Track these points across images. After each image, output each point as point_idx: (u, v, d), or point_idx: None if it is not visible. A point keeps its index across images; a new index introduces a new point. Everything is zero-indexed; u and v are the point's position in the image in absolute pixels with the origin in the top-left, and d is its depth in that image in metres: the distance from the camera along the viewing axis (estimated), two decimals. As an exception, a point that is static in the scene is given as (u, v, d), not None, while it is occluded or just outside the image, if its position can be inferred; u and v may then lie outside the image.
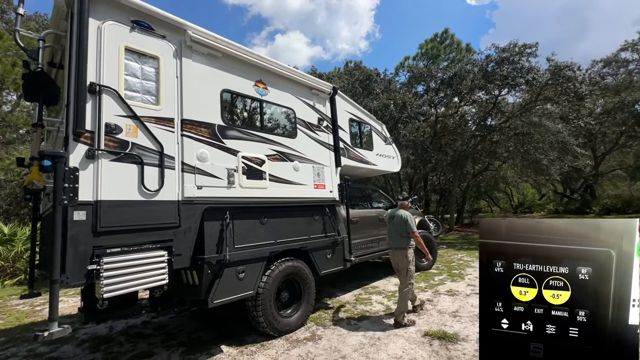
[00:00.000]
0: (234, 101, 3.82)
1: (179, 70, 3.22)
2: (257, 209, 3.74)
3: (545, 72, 11.83)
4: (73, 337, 4.19)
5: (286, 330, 3.82)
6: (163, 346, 3.73)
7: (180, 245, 2.97)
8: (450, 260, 8.09)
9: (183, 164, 3.09)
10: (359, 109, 5.85)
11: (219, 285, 3.23)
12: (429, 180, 20.52)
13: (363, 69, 15.26)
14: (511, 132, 13.20)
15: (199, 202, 3.17)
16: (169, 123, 3.06)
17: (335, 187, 4.83)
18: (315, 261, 4.36)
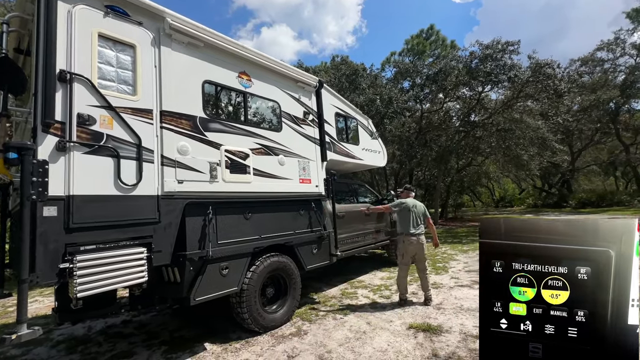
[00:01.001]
0: (217, 93, 3.70)
1: (158, 59, 3.07)
2: (241, 204, 3.66)
3: (527, 69, 12.12)
4: (48, 339, 4.02)
5: (271, 326, 3.78)
6: (144, 345, 3.62)
7: (160, 241, 2.87)
8: (434, 254, 8.22)
9: (163, 158, 2.97)
10: (346, 103, 5.81)
11: (201, 282, 3.15)
12: (414, 175, 20.84)
13: (350, 63, 15.21)
14: (493, 128, 13.51)
15: (180, 197, 3.06)
16: (147, 114, 2.92)
17: (321, 181, 4.78)
18: (301, 256, 4.32)
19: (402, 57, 21.06)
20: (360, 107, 12.90)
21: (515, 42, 12.17)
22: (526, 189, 35.04)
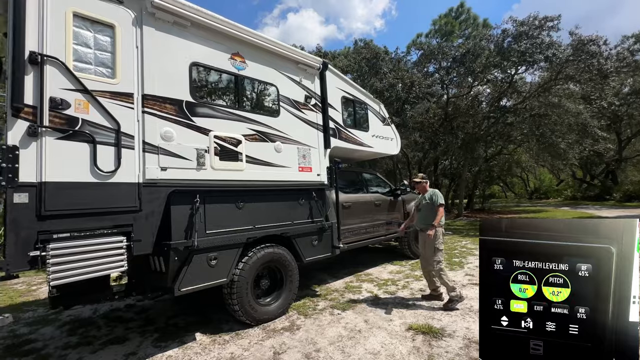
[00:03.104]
0: (207, 76, 3.53)
1: (140, 40, 2.93)
2: (233, 193, 3.51)
3: (567, 47, 10.91)
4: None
5: (264, 319, 3.66)
6: (139, 331, 3.65)
7: (141, 230, 2.78)
8: (452, 248, 7.77)
9: (144, 144, 2.86)
10: (354, 86, 5.45)
11: (187, 272, 3.05)
12: (440, 164, 19.92)
13: (371, 46, 14.51)
14: (527, 114, 12.41)
15: (164, 185, 2.95)
16: (128, 98, 2.80)
17: (323, 170, 4.53)
18: (299, 248, 4.14)
19: (429, 39, 19.87)
20: (379, 93, 12.35)
21: (554, 17, 10.96)
22: (565, 179, 32.56)
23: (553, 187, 33.93)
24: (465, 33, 18.88)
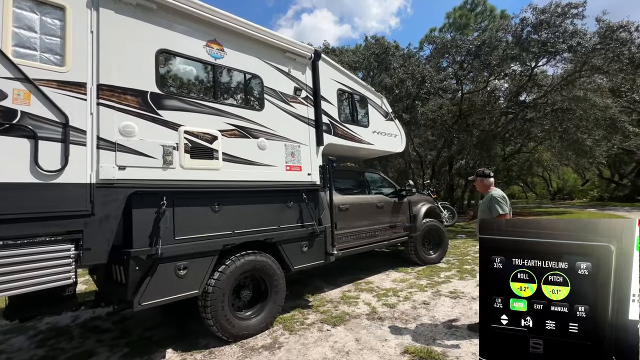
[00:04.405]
0: (178, 65, 3.19)
1: (96, 24, 2.61)
2: (207, 194, 3.16)
3: (594, 34, 10.03)
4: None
5: (244, 335, 3.29)
6: (109, 345, 3.36)
7: (92, 237, 2.46)
8: (464, 253, 7.20)
9: (99, 140, 2.54)
10: (352, 78, 5.02)
11: (149, 283, 2.72)
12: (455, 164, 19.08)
13: (381, 41, 13.96)
14: (548, 109, 11.55)
15: (122, 186, 2.63)
16: (79, 89, 2.49)
17: (315, 169, 4.13)
18: (286, 255, 3.75)
19: (443, 34, 19.08)
20: (389, 89, 11.81)
21: (579, 3, 10.12)
22: (591, 179, 30.75)
23: (578, 187, 32.12)
24: (481, 26, 17.98)
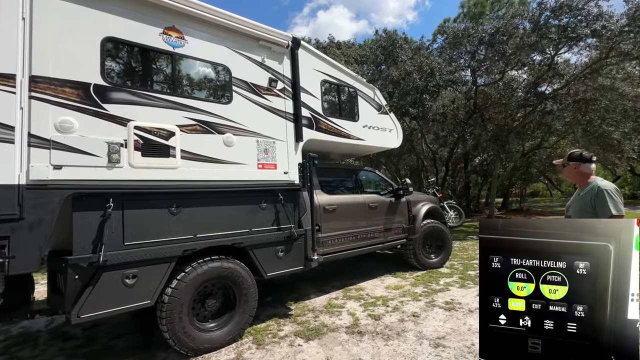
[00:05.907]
0: (128, 54, 2.94)
1: (28, 9, 2.38)
2: (163, 195, 2.90)
3: (621, 16, 9.12)
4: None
5: (205, 349, 3.02)
6: (68, 354, 3.17)
7: (21, 244, 2.24)
8: (471, 256, 6.66)
9: (30, 136, 2.31)
10: (339, 68, 4.63)
11: (91, 294, 2.48)
12: (471, 161, 18.21)
13: (389, 34, 13.39)
14: (569, 99, 10.67)
15: (58, 187, 2.39)
16: (7, 81, 2.26)
17: (293, 167, 3.80)
18: (259, 261, 3.45)
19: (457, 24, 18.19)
20: (395, 83, 11.27)
21: (604, -18, 9.22)
22: (622, 175, 28.76)
23: (607, 184, 30.13)
24: (497, 15, 17.00)
